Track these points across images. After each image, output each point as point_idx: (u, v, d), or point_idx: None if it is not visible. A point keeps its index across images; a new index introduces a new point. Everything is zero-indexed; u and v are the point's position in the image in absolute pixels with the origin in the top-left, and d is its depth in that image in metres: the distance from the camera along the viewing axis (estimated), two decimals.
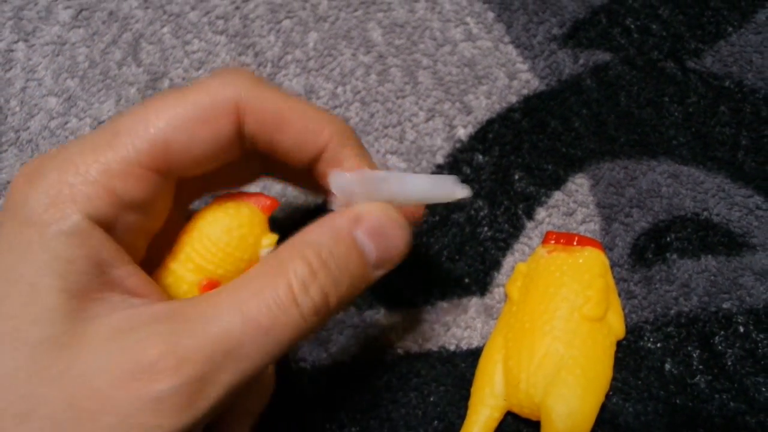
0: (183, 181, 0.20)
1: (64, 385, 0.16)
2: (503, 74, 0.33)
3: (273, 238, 0.22)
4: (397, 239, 0.20)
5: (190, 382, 0.16)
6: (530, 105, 0.32)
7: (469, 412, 0.26)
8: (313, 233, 0.19)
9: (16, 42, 0.34)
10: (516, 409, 0.26)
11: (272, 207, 0.22)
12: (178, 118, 0.19)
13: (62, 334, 0.16)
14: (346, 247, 0.19)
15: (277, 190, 0.31)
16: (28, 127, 0.32)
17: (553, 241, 0.28)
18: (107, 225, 0.18)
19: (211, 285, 0.21)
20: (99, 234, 0.18)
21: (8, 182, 0.31)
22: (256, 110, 0.20)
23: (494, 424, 0.26)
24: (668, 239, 0.29)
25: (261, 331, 0.17)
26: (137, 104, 0.20)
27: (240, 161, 0.21)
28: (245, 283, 0.18)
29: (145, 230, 0.20)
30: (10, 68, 0.33)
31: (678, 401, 0.27)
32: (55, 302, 0.17)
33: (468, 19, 0.34)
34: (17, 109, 0.32)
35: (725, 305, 0.28)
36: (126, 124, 0.19)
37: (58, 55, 0.33)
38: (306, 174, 0.22)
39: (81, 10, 0.34)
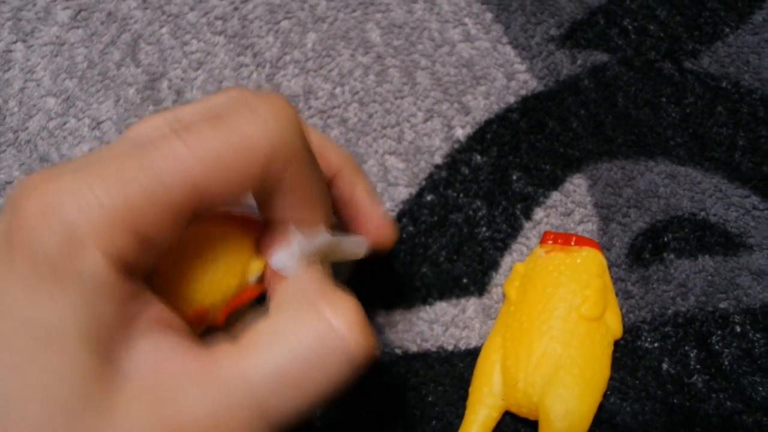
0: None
1: None
2: (501, 75, 0.33)
3: (260, 263, 0.20)
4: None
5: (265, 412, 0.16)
6: (528, 105, 0.32)
7: (467, 411, 0.26)
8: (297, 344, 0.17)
9: (15, 42, 0.34)
10: (514, 409, 0.26)
11: (259, 229, 0.21)
12: (211, 161, 0.17)
13: (92, 392, 0.15)
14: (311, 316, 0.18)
15: None
16: (27, 128, 0.32)
17: (550, 242, 0.28)
18: (128, 266, 0.16)
19: (199, 315, 0.20)
20: (121, 276, 0.16)
21: (7, 183, 0.31)
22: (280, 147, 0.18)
23: (492, 423, 0.26)
24: (665, 239, 0.30)
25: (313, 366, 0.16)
26: (165, 127, 0.18)
27: None
28: (273, 334, 0.17)
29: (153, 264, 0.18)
30: (9, 69, 0.33)
31: (675, 401, 0.27)
32: (81, 355, 0.15)
33: (466, 19, 0.34)
34: (16, 109, 0.32)
35: (722, 305, 0.28)
36: (154, 155, 0.16)
37: (56, 55, 0.33)
38: None
39: (80, 11, 0.34)
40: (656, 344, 0.28)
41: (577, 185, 0.31)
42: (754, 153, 0.31)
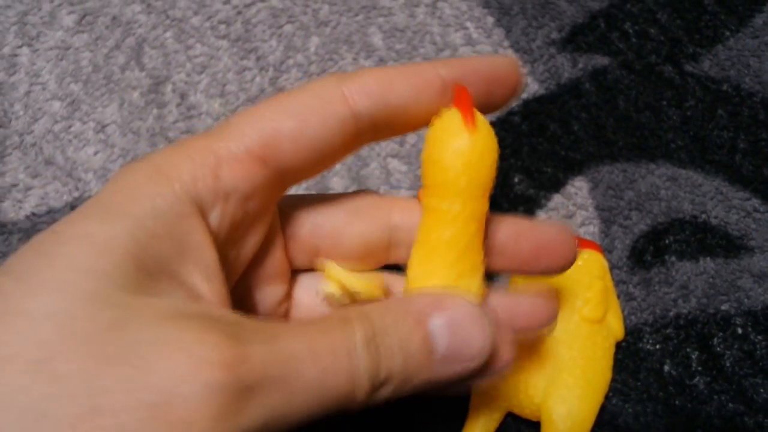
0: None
1: (100, 343, 0.14)
2: None
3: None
4: (475, 340, 0.18)
5: (237, 387, 0.15)
6: (529, 109, 0.33)
7: (470, 413, 0.26)
8: (385, 302, 0.19)
9: (21, 47, 0.34)
10: (516, 410, 0.26)
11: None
12: (286, 108, 0.19)
13: (119, 295, 0.15)
14: (411, 323, 0.18)
15: None
16: (32, 131, 0.32)
17: None
18: (205, 212, 0.18)
19: None
20: (195, 220, 0.17)
21: (12, 185, 0.31)
22: (359, 87, 0.19)
23: (495, 425, 0.26)
24: (667, 242, 0.30)
25: (317, 367, 0.16)
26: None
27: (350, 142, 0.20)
28: (314, 323, 0.17)
29: (244, 233, 0.19)
30: (14, 72, 0.33)
31: (677, 402, 0.27)
32: (124, 266, 0.15)
33: (468, 23, 0.35)
34: (21, 112, 0.32)
35: (724, 307, 0.28)
36: (237, 117, 0.19)
37: (62, 59, 0.34)
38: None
39: (84, 15, 0.35)
40: (658, 346, 0.28)
41: (578, 188, 0.31)
42: (754, 156, 0.31)
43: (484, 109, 0.21)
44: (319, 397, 0.16)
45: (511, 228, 0.21)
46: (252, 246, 0.20)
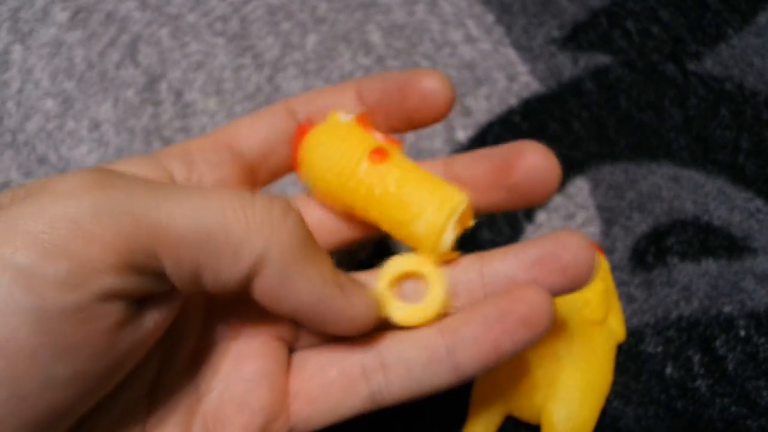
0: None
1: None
2: (503, 76, 0.33)
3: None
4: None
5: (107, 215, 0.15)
6: (530, 107, 0.32)
7: (470, 416, 0.26)
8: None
9: (13, 43, 0.33)
10: (516, 413, 0.26)
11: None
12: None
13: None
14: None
15: None
16: (25, 129, 0.32)
17: None
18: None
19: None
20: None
21: (5, 184, 0.31)
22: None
23: (494, 428, 0.26)
24: (669, 242, 0.29)
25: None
26: None
27: None
28: None
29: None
30: (7, 70, 0.33)
31: (679, 405, 0.27)
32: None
33: (467, 21, 0.34)
34: (14, 110, 0.32)
35: (726, 309, 0.28)
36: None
37: (55, 56, 0.33)
38: None
39: (78, 12, 0.34)
40: (659, 348, 0.28)
41: (579, 188, 0.31)
42: (758, 155, 0.31)
43: (402, 125, 0.21)
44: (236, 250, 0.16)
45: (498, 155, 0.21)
46: None
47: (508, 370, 0.26)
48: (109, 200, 0.15)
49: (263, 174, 0.21)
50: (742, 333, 0.28)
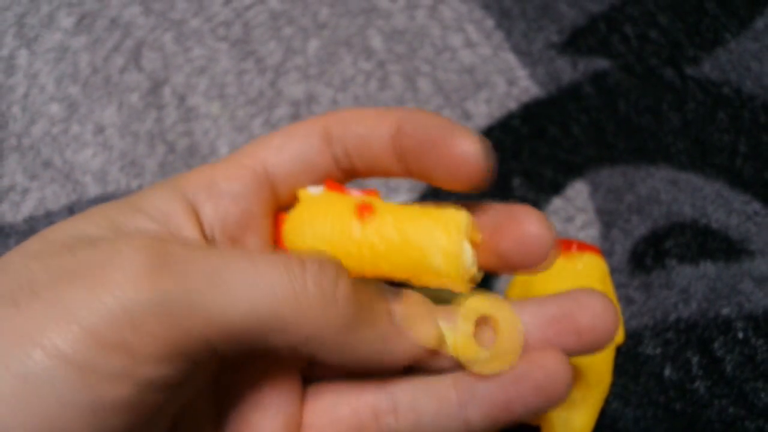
0: None
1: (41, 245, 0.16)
2: (503, 81, 0.33)
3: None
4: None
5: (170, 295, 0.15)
6: (529, 111, 0.33)
7: None
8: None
9: (19, 48, 0.34)
10: None
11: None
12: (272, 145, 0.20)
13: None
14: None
15: None
16: (30, 133, 0.32)
17: None
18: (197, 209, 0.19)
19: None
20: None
21: (10, 187, 0.31)
22: (338, 116, 0.20)
23: (495, 430, 0.26)
24: (667, 245, 0.30)
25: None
26: None
27: None
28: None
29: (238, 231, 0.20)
30: (13, 74, 0.33)
31: (677, 407, 0.27)
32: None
33: (468, 26, 0.35)
34: (19, 115, 0.32)
35: (724, 311, 0.28)
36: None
37: (60, 61, 0.34)
38: None
39: (83, 17, 0.35)
40: (658, 350, 0.28)
41: (578, 191, 0.31)
42: (755, 159, 0.31)
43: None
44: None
45: (489, 220, 0.20)
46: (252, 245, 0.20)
47: None
48: (166, 294, 0.15)
49: (288, 197, 0.20)
50: (740, 335, 0.28)
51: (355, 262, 0.19)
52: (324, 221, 0.20)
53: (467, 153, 0.19)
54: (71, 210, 0.30)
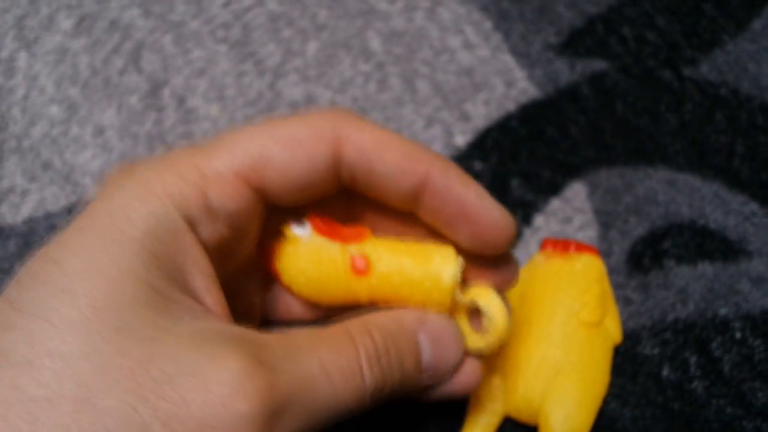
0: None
1: (136, 378, 0.15)
2: (501, 82, 0.34)
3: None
4: (452, 354, 0.21)
5: (268, 413, 0.15)
6: (528, 113, 0.33)
7: (468, 417, 0.26)
8: (382, 317, 0.20)
9: (19, 50, 0.34)
10: (514, 414, 0.26)
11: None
12: (278, 135, 0.19)
13: (144, 326, 0.16)
14: (407, 341, 0.20)
15: None
16: (30, 135, 0.32)
17: (550, 248, 0.28)
18: (195, 229, 0.18)
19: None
20: (189, 235, 0.18)
21: (10, 189, 0.31)
22: (355, 139, 0.19)
23: (493, 429, 0.26)
24: (665, 246, 0.30)
25: (332, 387, 0.17)
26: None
27: (334, 199, 0.21)
28: (322, 340, 0.18)
29: (230, 251, 0.19)
30: (12, 76, 0.33)
31: (675, 406, 0.27)
32: (139, 293, 0.16)
33: (466, 28, 0.35)
34: (19, 116, 0.33)
35: (722, 311, 0.29)
36: (228, 137, 0.19)
37: (60, 63, 0.34)
38: (407, 216, 0.21)
39: (83, 19, 0.35)
40: (656, 350, 0.28)
41: (576, 192, 0.31)
42: (752, 160, 0.31)
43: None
44: (333, 410, 0.17)
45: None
46: (239, 259, 0.20)
47: (506, 371, 0.26)
48: (269, 406, 0.16)
49: (278, 190, 0.20)
50: (738, 335, 0.28)
51: (350, 300, 0.21)
52: (316, 269, 0.21)
53: (497, 224, 0.20)
54: (71, 211, 0.31)
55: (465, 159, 0.32)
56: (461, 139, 0.32)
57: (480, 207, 0.20)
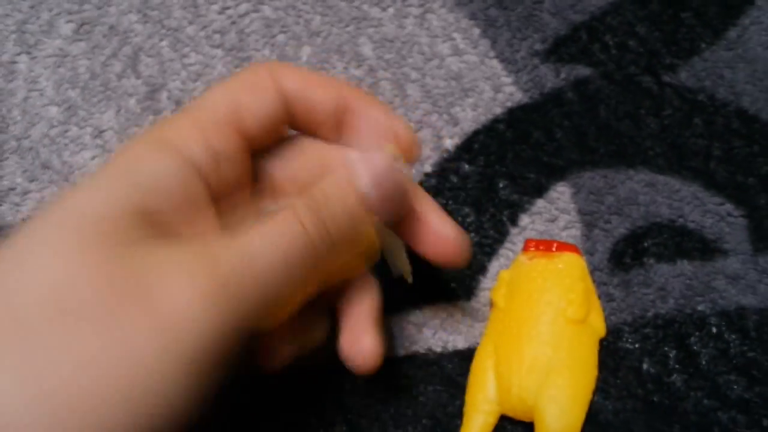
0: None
1: (116, 284, 0.17)
2: (488, 87, 0.34)
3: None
4: (389, 176, 0.22)
5: (216, 288, 0.18)
6: (514, 117, 0.33)
7: (465, 418, 0.27)
8: (317, 185, 0.22)
9: (19, 54, 0.34)
10: (510, 413, 0.26)
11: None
12: (238, 87, 0.22)
13: (135, 250, 0.18)
14: (340, 187, 0.21)
15: None
16: (30, 136, 0.33)
17: (532, 249, 0.28)
18: (202, 173, 0.21)
19: None
20: (198, 180, 0.20)
21: (10, 189, 0.32)
22: (288, 75, 0.23)
23: (489, 429, 0.27)
24: (646, 245, 0.31)
25: (281, 254, 0.19)
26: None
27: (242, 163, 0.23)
28: (270, 223, 0.20)
29: (227, 192, 0.22)
30: (13, 79, 0.34)
31: (655, 399, 0.28)
32: (131, 216, 0.18)
33: (455, 34, 0.35)
34: (19, 118, 0.33)
35: (700, 307, 0.29)
36: (201, 99, 0.22)
37: (59, 66, 0.34)
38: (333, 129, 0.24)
39: (82, 24, 0.35)
40: (637, 345, 0.29)
41: (561, 193, 0.32)
42: (728, 163, 0.32)
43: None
44: (287, 266, 0.19)
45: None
46: (237, 199, 0.23)
47: (500, 372, 0.27)
48: (216, 280, 0.19)
49: (262, 142, 0.23)
50: (714, 330, 0.29)
51: None
52: None
53: (449, 237, 0.24)
54: None
55: (453, 161, 0.32)
56: (450, 142, 0.33)
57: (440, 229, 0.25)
